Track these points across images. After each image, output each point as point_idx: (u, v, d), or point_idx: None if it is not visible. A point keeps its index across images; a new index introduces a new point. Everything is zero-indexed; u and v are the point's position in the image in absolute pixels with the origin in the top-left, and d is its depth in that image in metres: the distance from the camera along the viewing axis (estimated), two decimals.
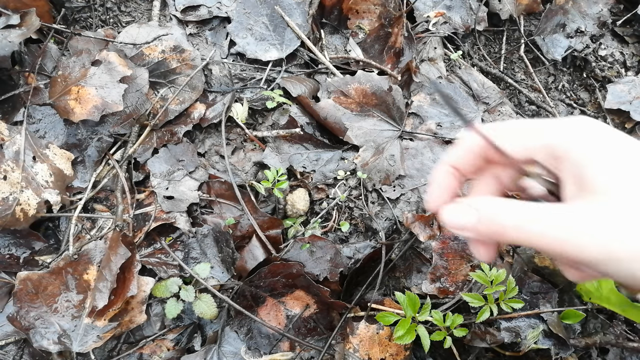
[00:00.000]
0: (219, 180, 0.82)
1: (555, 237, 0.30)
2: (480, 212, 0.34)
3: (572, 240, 0.30)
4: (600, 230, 0.29)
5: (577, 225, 0.30)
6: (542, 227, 0.31)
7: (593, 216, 0.29)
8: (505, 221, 0.33)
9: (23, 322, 0.68)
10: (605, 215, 0.29)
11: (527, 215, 0.32)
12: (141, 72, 0.82)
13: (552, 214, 0.31)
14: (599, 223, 0.29)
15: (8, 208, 0.71)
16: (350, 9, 0.99)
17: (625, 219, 0.29)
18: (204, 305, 0.72)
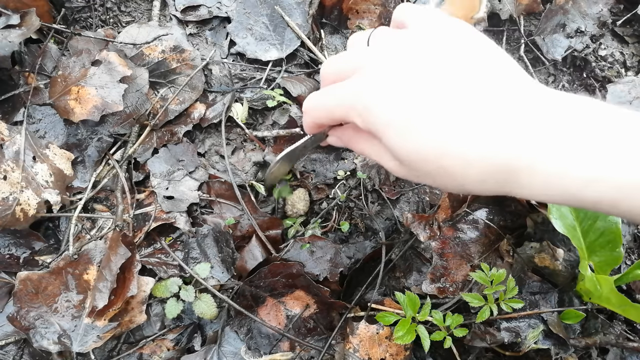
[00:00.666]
0: (219, 180, 0.82)
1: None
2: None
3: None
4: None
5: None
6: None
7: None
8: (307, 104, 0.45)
9: (23, 322, 0.68)
10: None
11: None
12: (141, 72, 0.82)
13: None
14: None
15: (8, 208, 0.71)
16: (350, 9, 0.99)
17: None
18: (204, 305, 0.72)
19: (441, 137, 0.35)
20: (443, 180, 0.37)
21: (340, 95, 0.41)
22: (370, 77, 0.38)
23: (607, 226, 0.67)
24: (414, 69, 0.36)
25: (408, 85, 0.36)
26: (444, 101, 0.35)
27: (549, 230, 0.74)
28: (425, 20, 0.41)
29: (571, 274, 0.75)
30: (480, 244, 0.78)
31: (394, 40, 0.40)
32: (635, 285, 0.76)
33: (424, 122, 0.35)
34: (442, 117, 0.35)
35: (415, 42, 0.38)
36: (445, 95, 0.35)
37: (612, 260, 0.68)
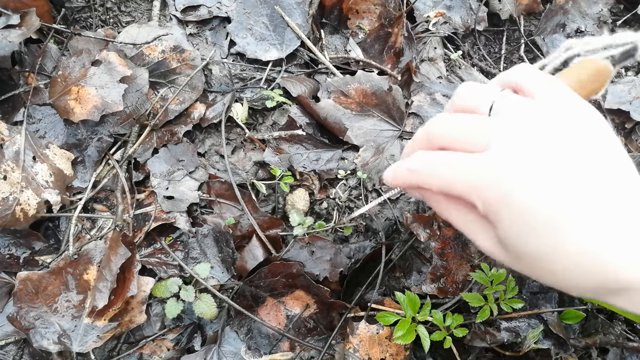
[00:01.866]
0: (219, 180, 0.82)
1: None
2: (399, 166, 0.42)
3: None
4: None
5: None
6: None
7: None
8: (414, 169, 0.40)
9: (23, 322, 0.68)
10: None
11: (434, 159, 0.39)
12: (141, 72, 0.82)
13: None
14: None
15: (8, 208, 0.71)
16: (350, 9, 0.99)
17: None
18: (204, 305, 0.72)
19: (572, 240, 0.32)
20: (547, 276, 0.35)
21: (464, 171, 0.37)
22: (501, 159, 0.35)
23: None
24: (552, 159, 0.34)
25: (547, 178, 0.33)
26: (584, 201, 0.32)
27: None
28: (556, 96, 0.38)
29: None
30: None
31: (526, 116, 0.37)
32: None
33: (560, 223, 0.32)
34: (582, 220, 0.32)
35: (550, 125, 0.36)
36: (584, 194, 0.32)
37: None
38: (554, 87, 0.39)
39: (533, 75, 0.40)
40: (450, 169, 0.37)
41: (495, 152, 0.36)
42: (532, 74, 0.41)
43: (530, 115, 0.37)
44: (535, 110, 0.37)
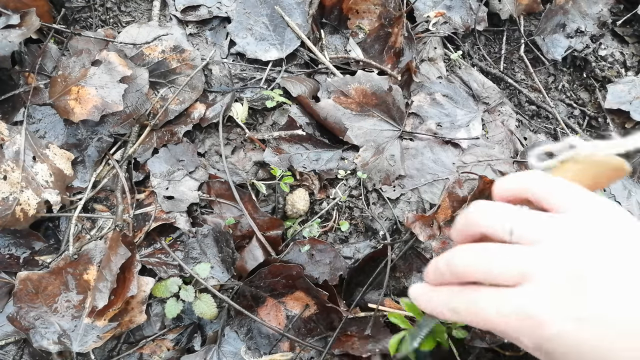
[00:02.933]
0: (219, 180, 0.82)
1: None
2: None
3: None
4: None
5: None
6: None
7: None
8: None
9: (23, 322, 0.68)
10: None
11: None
12: (141, 72, 0.82)
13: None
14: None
15: (8, 208, 0.71)
16: (350, 9, 0.99)
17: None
18: (204, 305, 0.72)
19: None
20: None
21: (506, 313, 0.34)
22: (547, 295, 0.33)
23: None
24: (605, 292, 0.32)
25: (602, 317, 0.32)
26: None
27: None
28: (591, 210, 0.36)
29: None
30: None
31: (564, 239, 0.35)
32: None
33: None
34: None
35: (593, 248, 0.34)
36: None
37: None
38: (583, 199, 0.36)
39: (555, 186, 0.38)
40: (491, 311, 0.35)
41: (537, 287, 0.33)
42: (554, 184, 0.38)
43: (569, 237, 0.34)
44: (573, 231, 0.35)
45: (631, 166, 0.43)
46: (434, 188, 0.85)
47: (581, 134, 1.02)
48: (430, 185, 0.86)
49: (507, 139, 0.95)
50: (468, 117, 0.94)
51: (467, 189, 0.82)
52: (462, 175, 0.84)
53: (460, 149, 0.90)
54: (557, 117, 1.02)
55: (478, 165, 0.88)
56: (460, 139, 0.91)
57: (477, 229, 0.39)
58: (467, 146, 0.91)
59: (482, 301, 0.36)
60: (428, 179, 0.86)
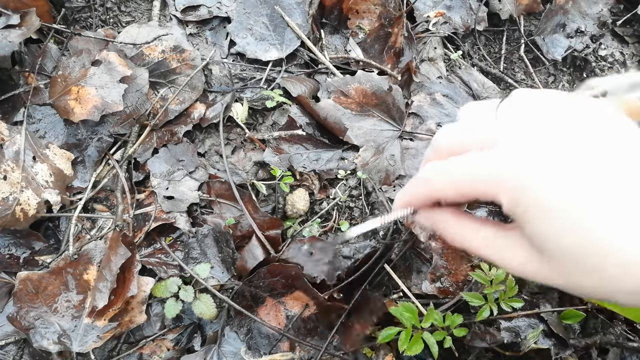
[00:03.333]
0: (219, 180, 0.82)
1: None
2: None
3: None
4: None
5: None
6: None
7: None
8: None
9: (23, 322, 0.68)
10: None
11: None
12: (141, 72, 0.82)
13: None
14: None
15: (8, 208, 0.71)
16: (350, 9, 0.99)
17: None
18: (203, 306, 0.72)
19: (616, 231, 0.28)
20: (589, 284, 0.31)
21: (480, 167, 0.33)
22: (521, 150, 0.32)
23: None
24: (577, 145, 0.31)
25: (576, 164, 0.30)
26: (620, 186, 0.29)
27: None
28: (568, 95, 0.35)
29: None
30: None
31: (534, 112, 0.34)
32: None
33: (600, 209, 0.29)
34: (622, 206, 0.29)
35: (568, 114, 0.33)
36: (619, 180, 0.29)
37: None
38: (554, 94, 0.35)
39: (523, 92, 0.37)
40: (467, 168, 0.34)
41: (517, 144, 0.32)
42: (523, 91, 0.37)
43: (543, 105, 0.34)
44: (548, 101, 0.34)
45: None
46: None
47: None
48: None
49: None
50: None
51: None
52: None
53: None
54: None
55: None
56: None
57: (469, 115, 0.40)
58: None
59: (455, 164, 0.35)
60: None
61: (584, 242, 0.29)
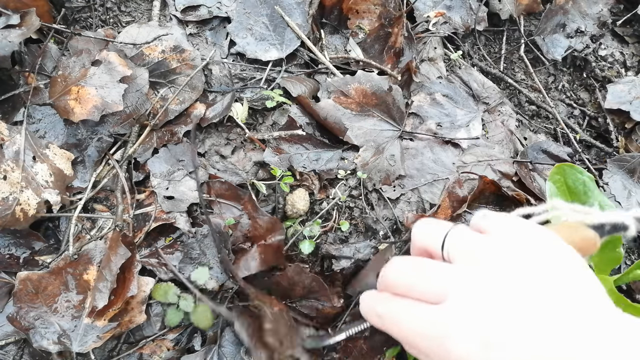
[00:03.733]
0: (219, 180, 0.82)
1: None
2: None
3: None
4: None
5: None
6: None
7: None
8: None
9: (23, 322, 0.68)
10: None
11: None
12: (141, 72, 0.82)
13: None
14: None
15: (8, 208, 0.71)
16: (350, 9, 0.99)
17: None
18: (200, 316, 0.71)
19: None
20: None
21: (421, 326, 0.38)
22: (451, 315, 0.36)
23: None
24: (513, 320, 0.34)
25: (507, 344, 0.34)
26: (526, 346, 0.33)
27: None
28: (510, 230, 0.39)
29: None
30: None
31: (479, 260, 0.38)
32: (635, 285, 0.76)
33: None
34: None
35: (504, 271, 0.36)
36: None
37: (612, 260, 0.68)
38: (507, 223, 0.39)
39: (492, 215, 0.42)
40: (408, 322, 0.39)
41: (448, 306, 0.37)
42: (493, 214, 0.42)
43: (483, 259, 0.38)
44: (488, 252, 0.38)
45: (600, 242, 0.43)
46: (434, 188, 0.85)
47: (581, 134, 1.02)
48: (431, 185, 0.86)
49: (507, 139, 0.95)
50: (468, 117, 0.95)
51: (467, 189, 0.82)
52: (462, 175, 0.84)
53: (460, 149, 0.90)
54: (557, 117, 1.02)
55: (478, 165, 0.88)
56: (460, 139, 0.91)
57: (420, 242, 0.45)
58: (467, 146, 0.91)
59: (403, 312, 0.40)
60: (428, 179, 0.86)
61: None
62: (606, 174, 0.94)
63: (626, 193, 0.93)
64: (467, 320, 0.35)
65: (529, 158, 0.92)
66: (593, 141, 1.01)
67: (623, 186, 0.93)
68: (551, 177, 0.70)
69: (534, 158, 0.93)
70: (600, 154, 1.02)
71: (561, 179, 0.70)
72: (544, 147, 0.95)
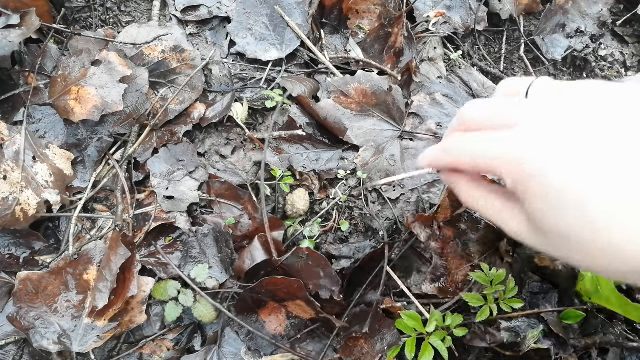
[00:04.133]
0: (219, 180, 0.82)
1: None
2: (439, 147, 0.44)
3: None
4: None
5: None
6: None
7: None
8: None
9: (23, 322, 0.68)
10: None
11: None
12: (141, 72, 0.82)
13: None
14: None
15: (8, 208, 0.71)
16: (350, 9, 0.99)
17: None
18: (203, 309, 0.72)
19: (611, 215, 0.30)
20: (589, 261, 0.33)
21: (493, 146, 0.37)
22: (532, 135, 0.34)
23: None
24: (582, 136, 0.32)
25: (578, 156, 0.32)
26: (618, 173, 0.30)
27: None
28: (586, 84, 0.37)
29: (571, 274, 0.75)
30: (480, 243, 0.78)
31: (557, 96, 0.36)
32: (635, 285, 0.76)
33: (594, 194, 0.30)
34: (615, 191, 0.30)
35: (582, 103, 0.34)
36: (619, 173, 0.30)
37: None
38: (586, 83, 0.37)
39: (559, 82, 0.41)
40: (480, 145, 0.38)
41: (526, 128, 0.35)
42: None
43: (561, 96, 0.36)
44: (567, 93, 0.36)
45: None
46: (434, 188, 0.85)
47: None
48: (430, 185, 0.86)
49: None
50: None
51: None
52: None
53: None
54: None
55: None
56: None
57: (506, 90, 0.43)
58: None
59: (472, 139, 0.39)
60: (428, 178, 0.86)
61: (576, 222, 0.32)
62: None
63: None
64: (542, 140, 0.34)
65: None
66: None
67: None
68: None
69: None
70: None
71: None
72: None
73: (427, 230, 0.77)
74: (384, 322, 0.71)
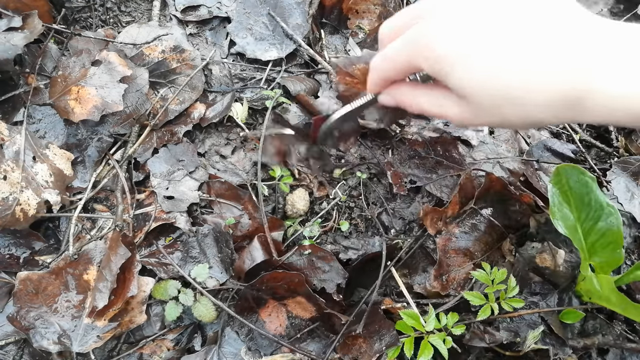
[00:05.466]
0: (219, 180, 0.82)
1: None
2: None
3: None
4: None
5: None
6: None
7: None
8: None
9: (23, 322, 0.68)
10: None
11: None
12: (141, 72, 0.82)
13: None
14: None
15: (8, 208, 0.71)
16: (350, 9, 0.99)
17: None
18: (203, 309, 0.71)
19: (509, 66, 0.36)
20: (509, 113, 0.39)
21: (404, 40, 0.42)
22: (434, 19, 0.40)
23: (608, 227, 0.67)
24: (477, 8, 0.38)
25: (474, 21, 0.38)
26: (511, 33, 0.37)
27: (551, 230, 0.74)
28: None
29: (571, 274, 0.74)
30: (483, 242, 0.78)
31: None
32: (635, 285, 0.76)
33: (493, 53, 0.37)
34: (510, 48, 0.36)
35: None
36: (511, 28, 0.37)
37: (613, 261, 0.68)
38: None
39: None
40: (393, 47, 0.44)
41: (427, 19, 0.41)
42: None
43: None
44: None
45: None
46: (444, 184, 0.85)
47: (581, 134, 1.01)
48: (442, 180, 0.85)
49: (512, 138, 0.95)
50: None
51: (477, 185, 0.82)
52: (472, 171, 0.84)
53: (470, 146, 0.91)
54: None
55: (487, 163, 0.89)
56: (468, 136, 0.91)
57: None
58: (476, 144, 0.91)
59: (390, 47, 0.44)
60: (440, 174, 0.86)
61: (489, 80, 0.37)
62: (610, 174, 0.94)
63: (629, 195, 0.92)
64: (447, 19, 0.39)
65: (534, 156, 0.92)
66: (593, 141, 1.01)
67: (626, 188, 0.93)
68: (553, 179, 0.70)
69: (539, 156, 0.93)
70: (600, 154, 1.02)
71: (562, 181, 0.70)
72: (548, 145, 0.95)
73: (437, 224, 0.77)
74: (384, 322, 0.70)
